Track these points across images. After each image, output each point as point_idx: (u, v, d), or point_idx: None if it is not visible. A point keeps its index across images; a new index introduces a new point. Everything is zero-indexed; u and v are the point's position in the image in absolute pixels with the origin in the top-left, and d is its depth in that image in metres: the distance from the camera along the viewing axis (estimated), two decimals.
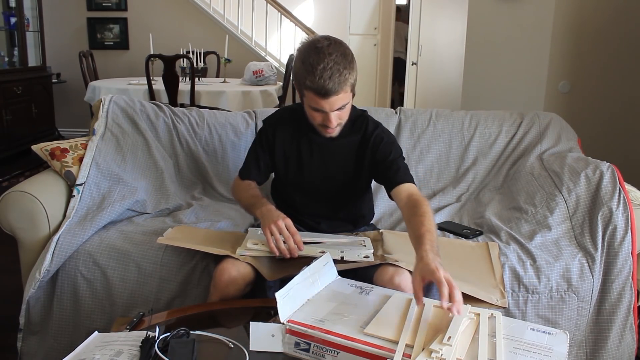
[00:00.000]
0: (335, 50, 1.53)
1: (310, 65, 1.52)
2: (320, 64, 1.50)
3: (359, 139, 1.76)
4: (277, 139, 1.80)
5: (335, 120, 1.60)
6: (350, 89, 1.56)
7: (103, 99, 2.25)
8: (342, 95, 1.54)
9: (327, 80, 1.50)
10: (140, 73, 4.79)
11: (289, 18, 6.24)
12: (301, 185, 1.81)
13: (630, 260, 1.78)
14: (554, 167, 2.08)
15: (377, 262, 1.54)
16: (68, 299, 1.78)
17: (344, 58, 1.53)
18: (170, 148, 2.26)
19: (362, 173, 1.77)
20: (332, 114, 1.58)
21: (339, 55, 1.53)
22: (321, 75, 1.50)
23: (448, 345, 1.08)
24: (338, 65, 1.51)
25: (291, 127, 1.79)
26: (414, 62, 5.78)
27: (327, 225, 1.84)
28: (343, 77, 1.52)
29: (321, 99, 1.54)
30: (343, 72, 1.51)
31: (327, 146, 1.76)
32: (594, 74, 3.49)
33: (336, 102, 1.55)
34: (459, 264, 1.69)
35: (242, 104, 4.17)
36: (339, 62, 1.52)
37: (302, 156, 1.78)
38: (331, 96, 1.53)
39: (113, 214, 1.89)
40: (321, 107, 1.56)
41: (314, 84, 1.51)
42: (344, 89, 1.53)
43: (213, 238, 1.75)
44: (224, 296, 1.54)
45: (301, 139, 1.78)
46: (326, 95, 1.52)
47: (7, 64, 5.30)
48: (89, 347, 1.18)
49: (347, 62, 1.54)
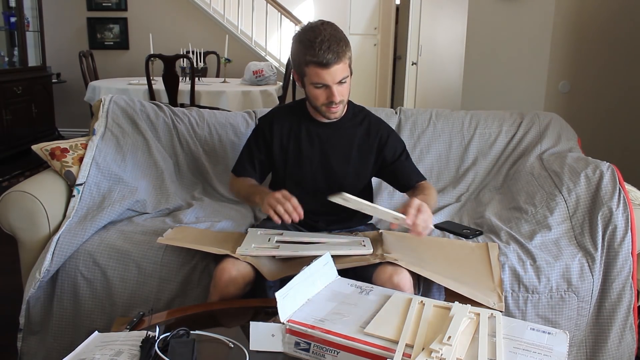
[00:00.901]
0: (328, 27, 1.64)
1: (308, 41, 1.61)
2: (318, 37, 1.60)
3: (362, 131, 1.81)
4: (274, 132, 1.82)
5: (338, 94, 1.65)
6: (349, 61, 1.65)
7: (103, 99, 2.25)
8: (342, 66, 1.62)
9: (326, 51, 1.59)
10: (140, 73, 4.79)
11: (289, 18, 6.24)
12: (300, 179, 1.82)
13: (630, 260, 1.78)
14: (554, 167, 2.08)
15: (377, 261, 1.54)
16: (68, 299, 1.78)
17: (338, 32, 1.64)
18: (170, 148, 2.26)
19: (365, 167, 1.81)
20: (335, 87, 1.64)
21: (332, 30, 1.63)
22: (320, 47, 1.59)
23: (448, 345, 1.08)
24: (334, 37, 1.61)
25: (289, 120, 1.82)
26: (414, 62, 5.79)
27: (325, 223, 1.84)
28: (341, 48, 1.61)
29: (323, 69, 1.61)
30: (340, 43, 1.61)
31: (328, 136, 1.79)
32: (594, 74, 3.49)
33: (337, 72, 1.62)
34: (458, 266, 1.69)
35: (242, 104, 4.17)
36: (334, 34, 1.62)
37: (302, 148, 1.79)
38: (332, 65, 1.60)
39: (113, 214, 1.89)
40: (323, 80, 1.63)
41: (314, 57, 1.59)
42: (343, 60, 1.62)
43: (213, 238, 1.75)
44: (224, 296, 1.54)
45: (300, 130, 1.80)
46: (327, 65, 1.60)
47: (7, 64, 5.30)
48: (89, 347, 1.18)
49: (342, 36, 1.64)
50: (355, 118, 1.82)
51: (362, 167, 1.81)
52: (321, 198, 1.83)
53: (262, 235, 1.71)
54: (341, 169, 1.80)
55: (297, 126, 1.80)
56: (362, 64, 6.77)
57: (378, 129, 1.82)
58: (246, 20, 6.27)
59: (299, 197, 1.84)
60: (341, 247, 1.61)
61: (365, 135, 1.80)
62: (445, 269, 1.62)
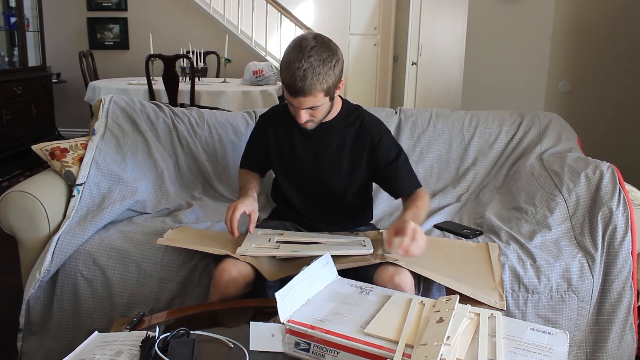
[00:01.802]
0: (316, 54, 1.54)
1: (288, 61, 1.55)
2: (296, 62, 1.52)
3: (354, 131, 1.77)
4: (269, 133, 1.84)
5: (305, 116, 1.63)
6: (323, 94, 1.57)
7: (103, 99, 2.25)
8: (310, 98, 1.56)
9: (297, 81, 1.53)
10: (140, 73, 4.79)
11: (289, 18, 6.23)
12: (296, 180, 1.83)
13: (630, 260, 1.78)
14: (554, 167, 2.08)
15: (377, 261, 1.54)
16: (68, 299, 1.78)
17: (323, 63, 1.54)
18: (170, 148, 2.26)
19: (357, 168, 1.78)
20: (302, 111, 1.61)
21: (318, 60, 1.53)
22: (293, 74, 1.53)
23: (448, 345, 1.08)
24: (313, 69, 1.52)
25: (284, 120, 1.82)
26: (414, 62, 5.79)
27: (325, 224, 1.84)
28: (314, 81, 1.53)
29: (290, 95, 1.59)
30: (317, 76, 1.53)
31: (320, 137, 1.77)
32: (594, 74, 3.49)
33: (304, 102, 1.58)
34: (459, 265, 1.69)
35: (242, 104, 4.17)
36: (316, 66, 1.52)
37: (296, 148, 1.80)
38: (299, 96, 1.56)
39: (113, 214, 1.89)
40: (292, 102, 1.61)
41: (285, 80, 1.56)
42: (313, 93, 1.55)
43: (213, 238, 1.75)
44: (224, 296, 1.54)
45: (294, 131, 1.79)
46: (294, 94, 1.56)
47: (7, 64, 5.29)
48: (89, 347, 1.18)
49: (326, 67, 1.54)
50: (348, 118, 1.78)
51: (355, 168, 1.78)
52: (318, 199, 1.83)
53: (262, 236, 1.71)
54: (333, 170, 1.78)
55: (292, 127, 1.79)
56: (362, 64, 6.77)
57: (370, 130, 1.76)
58: (246, 20, 6.27)
59: (298, 197, 1.84)
60: (341, 248, 1.61)
61: (357, 136, 1.77)
62: (446, 269, 1.62)
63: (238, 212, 1.61)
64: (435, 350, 1.06)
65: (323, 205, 1.84)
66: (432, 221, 2.05)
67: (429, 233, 1.96)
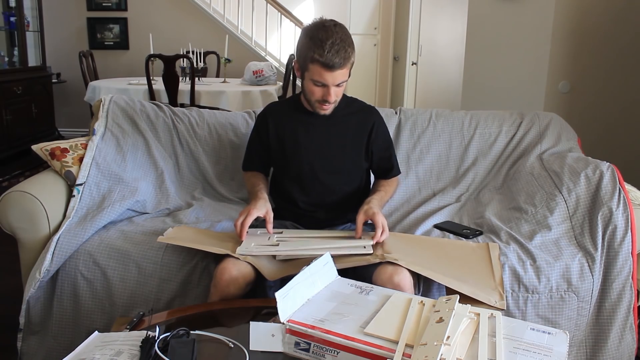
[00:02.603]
0: (340, 30, 1.69)
1: (319, 40, 1.64)
2: (329, 39, 1.64)
3: (356, 118, 1.88)
4: (269, 124, 1.89)
5: (334, 95, 1.72)
6: (349, 67, 1.71)
7: (103, 99, 2.25)
8: (344, 71, 1.68)
9: (334, 55, 1.63)
10: (140, 73, 4.79)
11: (289, 18, 6.24)
12: (299, 169, 1.85)
13: (630, 260, 1.78)
14: (554, 167, 2.08)
15: (377, 261, 1.54)
16: (68, 299, 1.78)
17: (348, 37, 1.69)
18: (170, 148, 2.26)
19: (359, 154, 1.88)
20: (332, 88, 1.70)
21: (343, 35, 1.68)
22: (330, 49, 1.63)
23: (448, 345, 1.08)
24: (344, 43, 1.66)
25: (285, 112, 1.91)
26: (414, 62, 5.79)
27: (325, 212, 1.87)
28: (347, 54, 1.66)
29: (326, 71, 1.66)
30: (347, 49, 1.66)
31: (323, 125, 1.85)
32: (594, 74, 3.49)
33: (338, 76, 1.68)
34: (459, 265, 1.69)
35: (242, 104, 4.17)
36: (344, 40, 1.67)
37: (298, 136, 1.86)
38: (336, 69, 1.66)
39: (113, 214, 1.89)
40: (324, 81, 1.68)
41: (322, 57, 1.64)
42: (347, 65, 1.68)
43: (213, 238, 1.75)
44: (224, 296, 1.54)
45: (295, 120, 1.87)
46: (332, 68, 1.65)
47: (7, 64, 5.30)
48: (89, 347, 1.18)
49: (350, 41, 1.69)
50: (348, 107, 1.89)
51: (358, 154, 1.88)
52: (319, 187, 1.85)
53: (262, 235, 1.71)
54: (338, 156, 1.86)
55: (292, 117, 1.88)
56: (362, 64, 6.76)
57: (370, 117, 1.91)
58: (246, 20, 6.27)
59: (298, 188, 1.86)
60: (341, 249, 1.61)
61: (359, 123, 1.88)
62: (446, 269, 1.63)
63: (251, 218, 1.66)
64: (435, 350, 1.06)
65: (323, 195, 1.86)
66: (432, 221, 2.05)
67: (429, 233, 1.96)
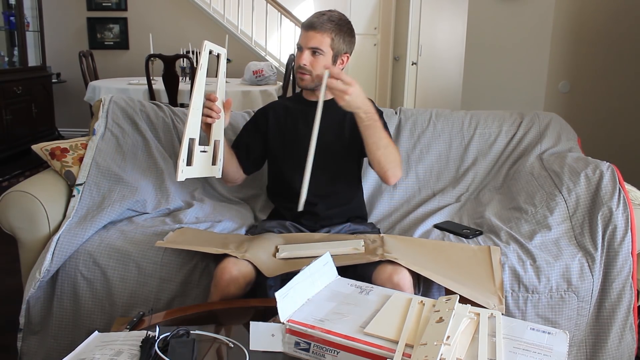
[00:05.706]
0: (339, 14, 1.81)
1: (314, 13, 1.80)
2: (321, 12, 1.79)
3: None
4: (269, 117, 1.95)
5: (306, 58, 1.77)
6: (330, 41, 1.76)
7: (103, 98, 2.25)
8: (318, 37, 1.75)
9: (314, 17, 1.77)
10: (140, 73, 4.79)
11: (289, 18, 6.23)
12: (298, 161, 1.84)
13: (630, 260, 1.78)
14: (554, 167, 2.08)
15: (377, 259, 1.55)
16: (68, 299, 1.78)
17: (340, 19, 1.79)
18: (170, 148, 2.26)
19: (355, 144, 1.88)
20: (306, 52, 1.76)
21: (339, 16, 1.79)
22: (314, 15, 1.79)
23: (448, 345, 1.08)
24: (332, 17, 1.77)
25: (286, 105, 1.96)
26: (414, 62, 5.79)
27: (324, 205, 1.88)
28: (329, 24, 1.75)
29: (303, 31, 1.78)
30: (332, 22, 1.76)
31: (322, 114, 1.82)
32: (594, 74, 3.49)
33: (312, 38, 1.75)
34: (459, 268, 1.69)
35: (242, 104, 4.17)
36: (334, 16, 1.78)
37: (298, 127, 1.89)
38: (309, 30, 1.76)
39: (113, 214, 1.89)
40: (300, 41, 1.78)
41: (304, 20, 1.79)
42: (322, 31, 1.75)
43: (213, 239, 1.75)
44: (225, 295, 1.54)
45: (296, 112, 1.92)
46: (307, 29, 1.76)
47: (7, 64, 5.30)
48: (89, 347, 1.18)
49: (343, 25, 1.78)
50: None
51: (353, 145, 1.89)
52: (319, 179, 1.85)
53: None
54: (335, 146, 1.89)
55: (293, 109, 1.93)
56: (362, 64, 6.77)
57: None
58: (246, 20, 6.27)
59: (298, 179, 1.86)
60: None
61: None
62: (445, 271, 1.63)
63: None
64: (435, 350, 1.06)
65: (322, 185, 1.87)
66: (432, 221, 2.05)
67: (429, 233, 1.96)
